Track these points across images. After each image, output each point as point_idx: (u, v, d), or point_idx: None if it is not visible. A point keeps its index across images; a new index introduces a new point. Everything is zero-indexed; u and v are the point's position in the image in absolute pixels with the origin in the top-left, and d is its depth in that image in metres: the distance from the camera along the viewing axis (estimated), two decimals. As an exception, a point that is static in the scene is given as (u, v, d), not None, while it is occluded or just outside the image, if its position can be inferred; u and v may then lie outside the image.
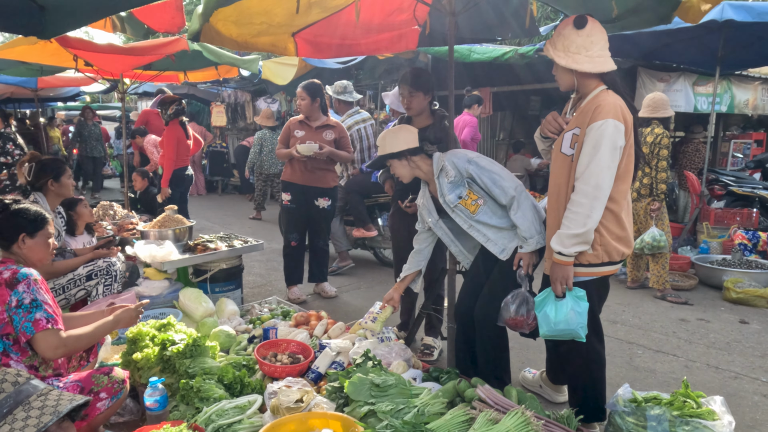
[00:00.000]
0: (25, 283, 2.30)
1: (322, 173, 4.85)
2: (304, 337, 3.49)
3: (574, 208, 2.40)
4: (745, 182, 7.30)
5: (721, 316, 4.74)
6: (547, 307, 2.51)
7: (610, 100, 2.40)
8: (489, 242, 2.94)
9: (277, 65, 8.86)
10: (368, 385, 2.52)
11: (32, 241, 2.50)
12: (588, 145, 2.37)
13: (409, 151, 3.02)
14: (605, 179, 2.36)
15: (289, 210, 4.97)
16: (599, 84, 2.50)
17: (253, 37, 3.76)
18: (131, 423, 2.87)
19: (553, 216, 2.61)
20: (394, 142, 3.04)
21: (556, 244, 2.45)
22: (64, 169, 3.82)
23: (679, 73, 7.57)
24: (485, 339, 2.97)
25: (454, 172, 2.91)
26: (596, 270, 2.52)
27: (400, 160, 3.05)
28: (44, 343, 2.29)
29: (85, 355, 2.89)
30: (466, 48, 7.74)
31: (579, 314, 2.45)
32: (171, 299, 4.13)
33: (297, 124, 4.88)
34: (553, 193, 2.62)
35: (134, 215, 5.73)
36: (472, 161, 2.90)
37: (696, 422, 2.30)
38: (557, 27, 2.56)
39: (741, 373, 3.64)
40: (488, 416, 2.15)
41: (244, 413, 2.56)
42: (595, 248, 2.47)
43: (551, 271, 2.54)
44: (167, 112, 6.42)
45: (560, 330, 2.47)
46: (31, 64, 6.05)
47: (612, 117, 2.35)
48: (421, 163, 3.04)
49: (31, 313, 2.27)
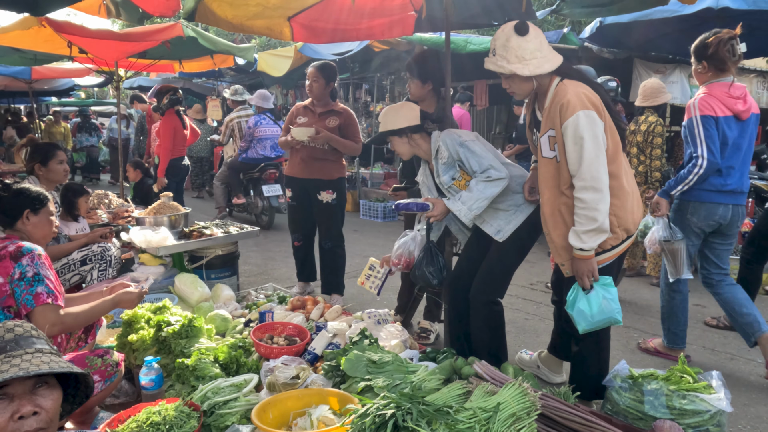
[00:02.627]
0: (29, 256, 2.33)
1: (322, 164, 4.32)
2: (300, 320, 3.48)
3: (580, 204, 2.39)
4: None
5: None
6: (580, 303, 2.47)
7: (570, 91, 2.38)
8: (485, 223, 2.94)
9: (273, 57, 8.85)
10: (365, 361, 2.52)
11: (36, 218, 2.56)
12: (570, 143, 2.37)
13: (410, 129, 3.01)
14: (599, 169, 2.35)
15: (290, 207, 4.58)
16: (554, 77, 2.49)
17: (249, 19, 3.74)
18: (126, 404, 2.85)
19: (553, 220, 2.58)
20: (396, 118, 3.02)
21: (575, 241, 2.41)
22: (53, 154, 3.79)
23: (675, 64, 7.59)
24: (480, 318, 2.96)
25: (447, 154, 2.91)
26: (618, 249, 2.53)
27: (400, 137, 3.04)
28: (42, 318, 2.29)
29: (84, 336, 2.88)
30: (462, 39, 7.73)
31: (612, 300, 2.45)
32: (166, 285, 4.11)
33: (301, 110, 4.45)
34: (547, 196, 2.58)
35: (130, 203, 5.71)
36: (464, 144, 2.89)
37: (693, 396, 2.31)
38: (497, 42, 2.49)
39: (737, 355, 3.65)
40: (485, 389, 2.14)
41: (240, 391, 2.55)
42: (615, 230, 2.47)
43: (574, 267, 2.50)
44: (163, 102, 6.41)
45: (598, 321, 2.45)
46: (24, 51, 6.00)
47: (580, 108, 2.33)
48: (421, 141, 3.03)
49: (32, 287, 2.29)
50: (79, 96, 18.03)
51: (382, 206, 8.65)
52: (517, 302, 4.69)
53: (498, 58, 2.49)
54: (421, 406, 1.90)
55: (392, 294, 4.53)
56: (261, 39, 15.11)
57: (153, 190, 6.44)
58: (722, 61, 3.25)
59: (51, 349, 1.53)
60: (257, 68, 9.14)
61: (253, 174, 7.82)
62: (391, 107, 3.13)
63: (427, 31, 4.43)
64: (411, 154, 3.11)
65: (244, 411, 2.44)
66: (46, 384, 1.48)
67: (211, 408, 2.42)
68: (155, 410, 2.24)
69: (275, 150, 7.85)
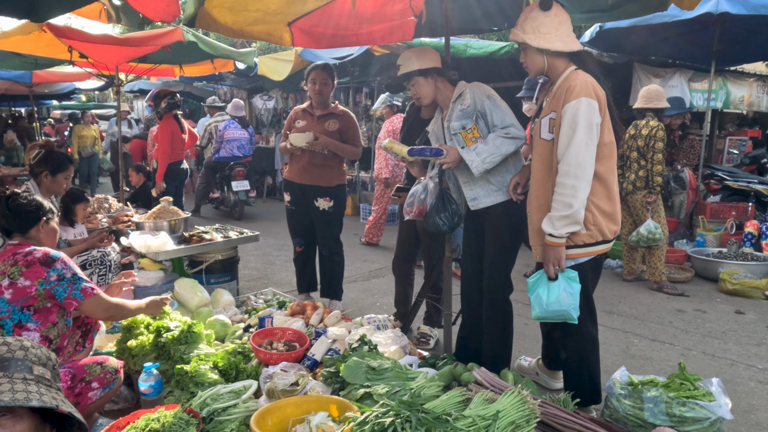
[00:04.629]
0: (60, 261, 2.49)
1: (321, 170, 4.20)
2: (299, 325, 3.47)
3: (559, 189, 2.42)
4: (741, 177, 7.32)
5: (717, 306, 4.75)
6: (540, 289, 2.52)
7: (580, 78, 2.43)
8: (466, 184, 2.99)
9: (273, 61, 8.84)
10: (364, 368, 2.51)
11: (48, 227, 2.68)
12: (565, 126, 2.40)
13: (435, 70, 3.05)
14: (586, 158, 2.38)
15: (288, 212, 4.47)
16: (569, 65, 2.53)
17: (249, 25, 3.74)
18: (126, 410, 2.84)
19: (537, 202, 2.61)
20: (422, 59, 3.05)
21: (546, 226, 2.46)
22: (64, 167, 3.75)
23: (675, 68, 7.58)
24: (495, 315, 3.01)
25: (470, 102, 2.95)
26: (591, 249, 2.53)
27: (426, 78, 3.07)
28: (97, 306, 2.57)
29: (81, 340, 2.88)
30: (462, 43, 7.74)
31: (571, 295, 2.46)
32: (166, 290, 4.09)
33: (300, 113, 4.35)
34: (537, 179, 2.62)
35: (129, 207, 5.71)
36: (491, 97, 2.95)
37: (692, 403, 2.30)
38: (522, 15, 2.58)
39: (737, 361, 3.64)
40: (484, 396, 2.14)
41: (240, 397, 2.55)
42: (589, 228, 2.48)
43: (543, 253, 2.54)
44: (160, 106, 6.41)
45: (552, 311, 2.48)
46: (25, 56, 6.01)
47: (584, 95, 2.37)
48: (442, 86, 3.08)
49: (76, 284, 2.49)
50: (79, 99, 18.03)
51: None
52: (516, 307, 4.62)
53: (518, 27, 2.57)
54: (420, 414, 1.90)
55: (390, 298, 4.52)
56: (261, 43, 15.14)
57: (153, 195, 6.44)
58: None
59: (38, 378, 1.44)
60: (257, 72, 9.13)
61: (225, 171, 8.97)
62: (412, 49, 3.16)
63: (427, 36, 4.42)
64: (431, 98, 3.12)
65: (243, 418, 2.44)
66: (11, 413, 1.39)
67: (210, 415, 2.42)
68: (154, 417, 2.23)
69: (242, 150, 9.15)
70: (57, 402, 1.40)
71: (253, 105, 12.50)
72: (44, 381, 1.45)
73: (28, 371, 1.44)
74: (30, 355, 1.47)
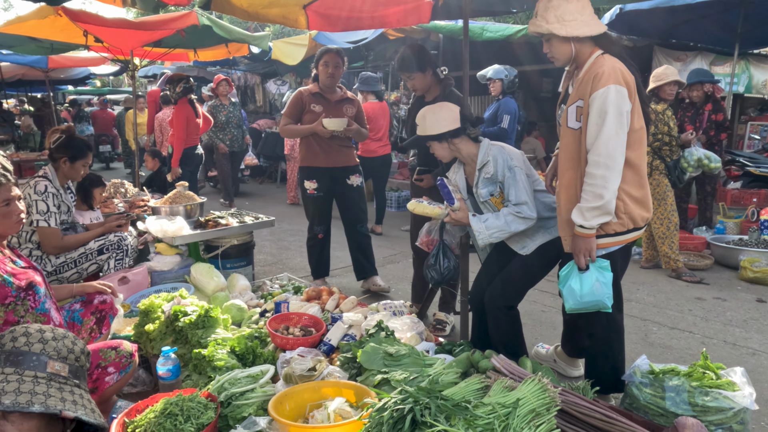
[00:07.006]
0: None
1: (346, 151, 4.43)
2: (315, 311, 3.47)
3: (589, 180, 2.34)
4: (762, 163, 7.17)
5: (737, 294, 4.67)
6: (572, 281, 2.45)
7: (608, 64, 2.32)
8: (509, 240, 2.93)
9: (288, 45, 8.80)
10: (381, 354, 2.50)
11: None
12: (594, 115, 2.31)
13: (450, 134, 2.90)
14: (616, 147, 2.29)
15: (315, 200, 4.42)
16: (595, 49, 2.43)
17: (264, 8, 3.71)
18: (144, 393, 2.87)
19: (567, 193, 2.53)
20: (435, 123, 2.91)
21: (577, 217, 2.38)
22: (83, 155, 3.74)
23: (696, 52, 7.43)
24: (497, 323, 2.95)
25: (492, 171, 2.85)
26: (623, 238, 2.47)
27: (440, 142, 2.95)
28: None
29: (96, 327, 2.90)
30: (478, 27, 7.64)
31: (604, 284, 2.40)
32: (182, 274, 4.13)
33: (311, 96, 4.31)
34: (567, 168, 2.53)
35: (146, 192, 5.73)
36: (512, 169, 2.81)
37: (716, 393, 2.26)
38: (541, 4, 2.46)
39: (759, 350, 3.58)
40: (504, 383, 2.12)
41: (257, 382, 2.55)
42: (620, 216, 2.42)
43: (573, 244, 2.47)
44: (175, 91, 6.39)
45: (587, 302, 2.42)
46: (41, 40, 6.02)
47: (613, 82, 2.27)
48: (462, 145, 2.93)
49: None
50: (94, 84, 18.13)
51: (395, 195, 8.61)
52: (533, 293, 4.63)
53: (539, 18, 2.45)
54: (440, 400, 1.88)
55: (407, 284, 4.51)
56: (275, 27, 15.05)
57: (168, 180, 6.46)
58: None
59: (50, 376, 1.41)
60: (272, 56, 9.10)
61: None
62: (429, 108, 2.99)
63: (443, 18, 4.36)
64: (451, 158, 3.03)
65: (260, 402, 2.44)
66: (21, 412, 1.38)
67: (227, 399, 2.42)
68: (172, 401, 2.24)
69: None
70: (63, 406, 1.37)
71: (266, 90, 12.46)
72: (57, 379, 1.41)
73: (41, 368, 1.42)
74: (48, 349, 1.43)
